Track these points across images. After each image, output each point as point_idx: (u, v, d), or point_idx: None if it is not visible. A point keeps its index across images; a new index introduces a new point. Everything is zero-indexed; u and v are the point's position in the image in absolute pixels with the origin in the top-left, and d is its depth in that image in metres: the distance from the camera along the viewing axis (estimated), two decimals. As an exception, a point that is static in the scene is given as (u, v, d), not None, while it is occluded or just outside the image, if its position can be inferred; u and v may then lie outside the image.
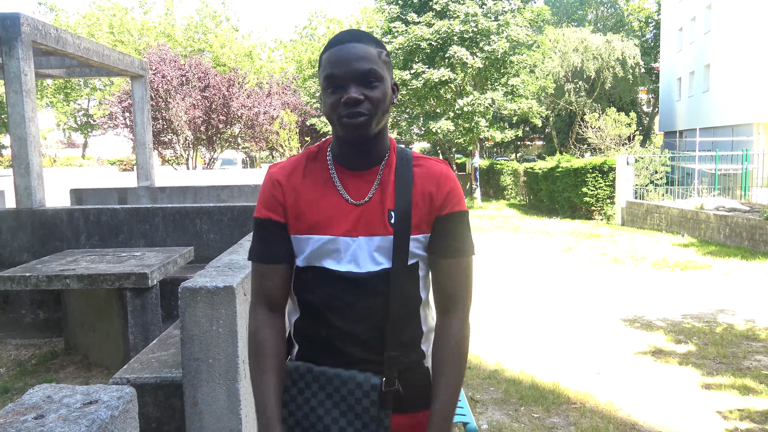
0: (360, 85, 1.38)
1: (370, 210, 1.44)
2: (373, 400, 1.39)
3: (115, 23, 41.23)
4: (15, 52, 5.71)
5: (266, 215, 1.49)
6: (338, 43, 1.41)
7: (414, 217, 1.44)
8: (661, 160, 16.90)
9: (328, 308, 1.44)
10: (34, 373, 4.83)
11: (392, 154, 1.51)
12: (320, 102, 1.51)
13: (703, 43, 24.39)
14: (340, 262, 1.44)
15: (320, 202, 1.46)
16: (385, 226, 1.44)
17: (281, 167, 1.53)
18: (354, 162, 1.47)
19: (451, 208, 1.46)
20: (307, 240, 1.45)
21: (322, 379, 1.42)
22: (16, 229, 5.80)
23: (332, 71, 1.38)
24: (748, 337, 5.76)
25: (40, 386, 1.33)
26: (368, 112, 1.38)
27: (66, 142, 54.09)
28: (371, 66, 1.39)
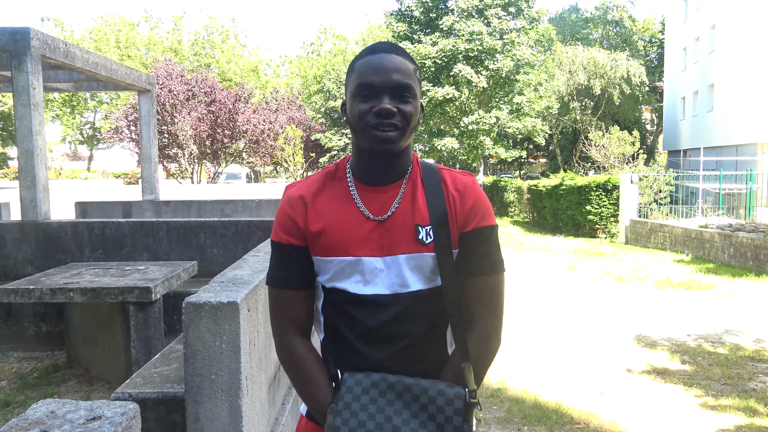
0: (395, 98, 1.33)
1: (393, 226, 1.38)
2: (458, 408, 1.31)
3: (122, 38, 41.64)
4: (24, 66, 5.76)
5: (285, 240, 1.43)
6: (378, 51, 1.36)
7: (452, 231, 1.38)
8: (665, 179, 16.90)
9: (355, 334, 1.39)
10: (35, 386, 4.82)
11: (416, 167, 1.45)
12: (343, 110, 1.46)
13: (707, 63, 24.49)
14: (366, 285, 1.38)
15: (340, 221, 1.39)
16: (413, 243, 1.37)
17: (299, 187, 1.47)
18: (375, 177, 1.41)
19: (476, 224, 1.40)
20: (329, 262, 1.40)
21: (399, 387, 1.33)
22: (21, 241, 5.82)
23: (369, 79, 1.33)
24: (754, 359, 5.72)
25: (43, 401, 1.33)
26: (400, 126, 1.34)
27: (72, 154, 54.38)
28: (409, 81, 1.35)
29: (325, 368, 1.44)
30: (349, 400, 1.33)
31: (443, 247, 1.36)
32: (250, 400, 2.42)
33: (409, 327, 1.38)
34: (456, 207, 1.40)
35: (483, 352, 1.42)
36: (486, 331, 1.42)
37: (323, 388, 1.40)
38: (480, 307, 1.42)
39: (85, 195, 14.50)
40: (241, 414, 2.31)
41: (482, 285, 1.41)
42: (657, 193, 16.58)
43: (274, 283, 1.45)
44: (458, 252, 1.40)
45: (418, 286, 1.38)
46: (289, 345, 1.45)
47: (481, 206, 1.41)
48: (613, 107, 31.84)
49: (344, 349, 1.41)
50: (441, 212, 1.38)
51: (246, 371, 2.36)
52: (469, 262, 1.40)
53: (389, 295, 1.37)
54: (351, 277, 1.38)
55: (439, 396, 1.32)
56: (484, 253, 1.41)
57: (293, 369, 1.44)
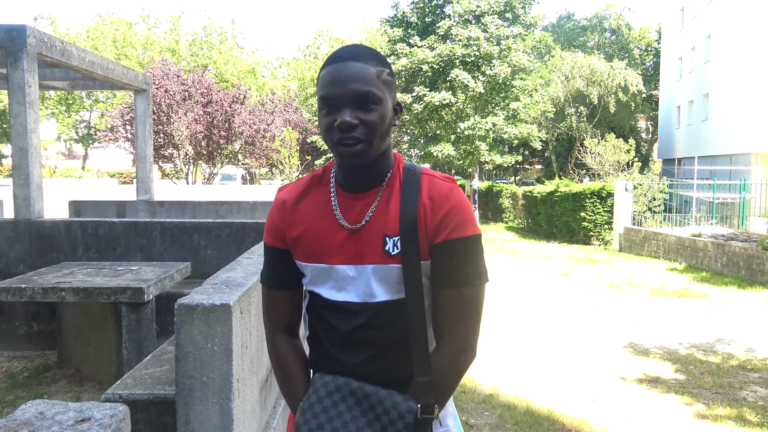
0: (355, 108, 1.29)
1: (365, 235, 1.36)
2: (408, 423, 1.30)
3: (119, 37, 41.58)
4: (20, 64, 5.74)
5: (271, 243, 1.47)
6: (336, 60, 1.32)
7: (422, 243, 1.34)
8: (659, 188, 16.96)
9: (329, 337, 1.41)
10: (25, 386, 4.78)
11: (396, 172, 1.41)
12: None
13: (703, 72, 24.62)
14: (339, 292, 1.39)
15: (318, 228, 1.40)
16: (380, 254, 1.35)
17: (288, 191, 1.48)
18: (353, 184, 1.40)
19: (447, 235, 1.33)
20: (306, 267, 1.42)
21: (359, 394, 1.35)
22: (14, 239, 5.78)
23: (327, 91, 1.30)
24: (745, 368, 5.73)
25: (32, 402, 1.32)
26: (364, 138, 1.30)
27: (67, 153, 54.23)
28: (368, 88, 1.29)
29: (306, 367, 1.49)
30: (313, 400, 1.36)
31: (409, 259, 1.33)
32: (241, 402, 2.41)
33: (377, 335, 1.37)
34: (426, 217, 1.34)
35: (450, 368, 1.38)
36: (455, 346, 1.37)
37: (300, 386, 1.45)
38: (450, 320, 1.37)
39: (80, 194, 14.44)
40: (232, 417, 2.30)
41: (454, 298, 1.35)
42: (651, 201, 16.64)
43: (264, 282, 1.51)
44: (431, 263, 1.36)
45: (385, 296, 1.36)
46: (274, 342, 1.50)
47: (456, 216, 1.34)
48: (609, 115, 31.96)
49: (321, 350, 1.44)
50: (410, 222, 1.33)
51: (237, 374, 2.35)
52: (440, 274, 1.35)
53: (359, 303, 1.37)
54: (326, 283, 1.40)
55: (393, 408, 1.31)
56: (456, 264, 1.34)
57: (275, 365, 1.50)
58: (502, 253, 14.56)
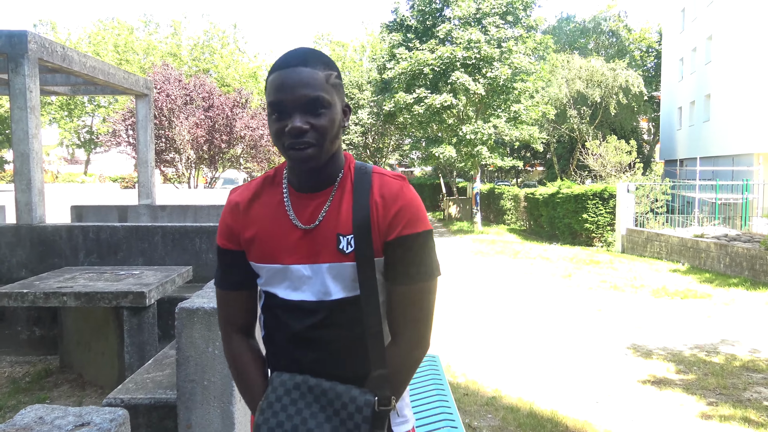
0: (305, 114, 1.32)
1: (318, 235, 1.39)
2: (366, 416, 1.34)
3: (120, 42, 41.67)
4: (21, 69, 5.75)
5: (225, 245, 1.48)
6: (284, 66, 1.33)
7: (375, 240, 1.38)
8: (661, 189, 16.93)
9: (285, 336, 1.42)
10: (27, 391, 4.78)
11: (347, 172, 1.44)
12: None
13: (704, 73, 24.60)
14: (294, 291, 1.41)
15: (271, 229, 1.42)
16: (334, 253, 1.38)
17: (239, 193, 1.49)
18: (305, 185, 1.42)
19: (399, 232, 1.37)
20: (261, 267, 1.44)
21: (317, 391, 1.37)
22: (15, 244, 5.79)
23: (276, 97, 1.32)
24: (749, 368, 5.71)
25: (32, 407, 1.31)
26: (315, 142, 1.33)
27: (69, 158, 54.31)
28: (318, 93, 1.32)
29: (264, 367, 1.50)
30: (272, 399, 1.37)
31: (363, 256, 1.36)
32: (242, 406, 2.40)
33: (333, 333, 1.40)
34: (378, 215, 1.38)
35: (404, 362, 1.41)
36: (409, 340, 1.41)
37: (258, 386, 1.46)
38: (404, 315, 1.40)
39: (82, 199, 14.46)
40: (233, 420, 2.29)
41: (406, 294, 1.39)
42: (653, 203, 16.61)
43: (217, 284, 1.51)
44: (384, 260, 1.40)
45: (340, 294, 1.39)
46: (229, 343, 1.50)
47: (408, 213, 1.38)
48: (610, 116, 31.93)
49: (277, 349, 1.45)
50: (363, 221, 1.37)
51: (239, 377, 2.34)
52: (393, 271, 1.39)
53: (314, 301, 1.39)
54: (281, 283, 1.42)
55: (350, 402, 1.34)
56: (409, 261, 1.38)
57: (232, 367, 1.50)
58: (505, 256, 14.54)
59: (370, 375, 1.40)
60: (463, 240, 18.42)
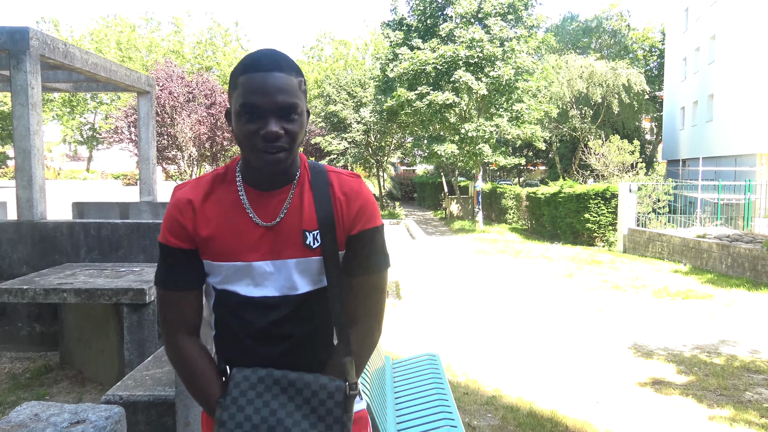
0: (280, 118, 1.34)
1: (282, 231, 1.42)
2: (338, 401, 1.38)
3: (123, 39, 41.69)
4: (23, 66, 5.75)
5: (174, 243, 1.44)
6: (259, 69, 1.35)
7: (339, 235, 1.44)
8: (663, 189, 16.90)
9: (245, 332, 1.43)
10: (27, 387, 4.79)
11: (304, 171, 1.49)
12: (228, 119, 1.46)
13: (707, 73, 24.54)
14: (256, 287, 1.42)
15: (230, 227, 1.42)
16: (301, 247, 1.42)
17: (188, 189, 1.47)
18: (264, 183, 1.44)
19: (362, 226, 1.45)
20: (219, 266, 1.43)
21: (283, 382, 1.39)
22: (16, 241, 5.79)
23: (253, 100, 1.33)
24: (750, 369, 5.70)
25: (28, 403, 1.31)
26: (287, 146, 1.36)
27: (71, 155, 54.36)
28: (293, 100, 1.35)
29: (214, 364, 1.49)
30: (236, 395, 1.37)
31: (329, 250, 1.42)
32: (241, 404, 2.40)
33: (297, 326, 1.44)
34: (342, 211, 1.45)
35: (364, 345, 1.50)
36: (368, 326, 1.50)
37: (212, 384, 1.44)
38: (363, 303, 1.48)
39: (84, 195, 14.48)
40: (231, 418, 2.29)
41: (365, 283, 1.47)
42: (655, 203, 16.58)
43: (164, 285, 1.47)
44: (344, 253, 1.47)
45: (306, 288, 1.44)
46: (178, 344, 1.47)
47: (368, 209, 1.47)
48: (613, 116, 31.87)
49: (235, 346, 1.45)
50: (328, 217, 1.43)
51: (237, 375, 2.34)
52: (353, 263, 1.46)
53: (278, 296, 1.42)
54: (242, 280, 1.43)
55: (321, 390, 1.38)
56: (367, 253, 1.46)
57: (182, 367, 1.46)
58: (506, 255, 14.53)
59: (335, 362, 1.46)
60: (465, 239, 18.41)
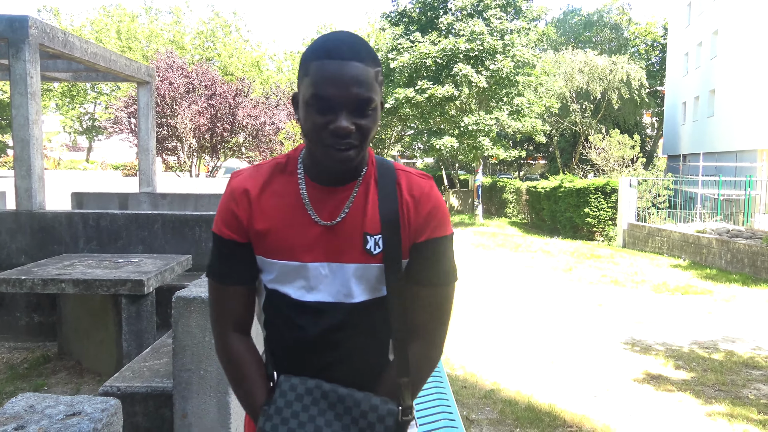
0: (352, 113, 1.21)
1: (341, 232, 1.30)
2: (389, 426, 1.25)
3: (123, 29, 41.55)
4: (22, 54, 5.72)
5: (227, 235, 1.34)
6: (335, 56, 1.20)
7: (403, 241, 1.30)
8: (664, 184, 16.88)
9: (295, 338, 1.33)
10: (25, 378, 4.78)
11: (371, 168, 1.35)
12: (294, 103, 1.32)
13: (709, 68, 24.47)
14: (309, 291, 1.31)
15: (287, 224, 1.31)
16: (361, 252, 1.29)
17: (245, 178, 1.36)
18: (327, 178, 1.31)
19: (429, 234, 1.31)
20: (273, 264, 1.32)
21: (332, 397, 1.27)
22: (15, 231, 5.77)
23: (325, 92, 1.19)
24: (748, 365, 5.70)
25: (23, 395, 1.30)
26: (358, 143, 1.23)
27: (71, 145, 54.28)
28: (369, 94, 1.21)
29: (263, 367, 1.39)
30: (281, 405, 1.27)
31: (392, 258, 1.29)
32: (239, 396, 2.39)
33: (350, 336, 1.32)
34: (410, 215, 1.31)
35: (423, 364, 1.36)
36: (428, 344, 1.36)
37: (258, 389, 1.35)
38: (425, 318, 1.34)
39: (83, 186, 14.45)
40: (229, 410, 2.28)
41: (430, 296, 1.33)
42: (656, 198, 16.56)
43: (215, 277, 1.38)
44: (408, 261, 1.32)
45: (363, 296, 1.31)
46: (226, 342, 1.38)
47: (437, 215, 1.32)
48: (613, 111, 31.82)
49: (284, 351, 1.36)
50: (392, 220, 1.29)
51: (235, 368, 2.33)
52: (418, 273, 1.32)
53: (332, 303, 1.30)
54: (294, 281, 1.32)
55: (371, 411, 1.26)
56: (434, 263, 1.32)
57: (229, 367, 1.38)
58: (506, 249, 14.52)
59: (388, 381, 1.33)
60: (464, 232, 18.41)
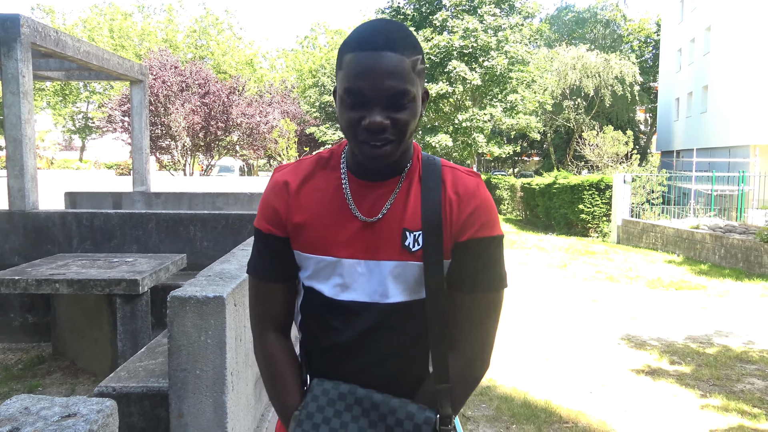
0: (387, 107, 1.14)
1: (381, 229, 1.24)
2: None
3: (115, 27, 41.38)
4: (13, 54, 5.68)
5: (268, 230, 1.31)
6: (368, 47, 1.13)
7: (445, 240, 1.23)
8: (657, 180, 16.94)
9: (329, 340, 1.28)
10: (20, 378, 4.76)
11: (416, 163, 1.29)
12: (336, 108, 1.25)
13: (702, 64, 24.55)
14: (344, 290, 1.25)
15: (326, 217, 1.26)
16: (398, 250, 1.23)
17: (288, 172, 1.33)
18: (369, 173, 1.27)
19: (473, 233, 1.23)
20: (308, 259, 1.28)
21: (366, 403, 1.21)
22: (8, 231, 5.75)
23: (356, 85, 1.13)
24: (742, 360, 5.73)
25: (17, 396, 1.29)
26: (394, 138, 1.17)
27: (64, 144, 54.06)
28: (405, 86, 1.14)
29: (299, 370, 1.35)
30: (312, 410, 1.22)
31: (432, 256, 1.21)
32: (235, 396, 2.39)
33: (386, 339, 1.25)
34: (453, 212, 1.23)
35: (465, 377, 1.28)
36: (471, 354, 1.28)
37: (291, 392, 1.30)
38: (468, 326, 1.26)
39: (77, 185, 14.38)
40: (225, 410, 2.28)
41: (473, 302, 1.25)
42: (649, 194, 16.62)
43: (253, 273, 1.35)
44: (450, 263, 1.25)
45: (400, 297, 1.24)
46: (264, 341, 1.35)
47: (483, 213, 1.24)
48: (606, 107, 31.91)
49: (318, 353, 1.31)
50: (434, 217, 1.22)
51: (231, 367, 2.33)
52: (461, 276, 1.24)
53: (368, 303, 1.24)
54: (329, 279, 1.26)
55: (407, 419, 1.20)
56: (479, 266, 1.24)
57: (263, 367, 1.35)
58: (500, 245, 14.53)
59: (427, 388, 1.27)
60: (459, 229, 18.41)
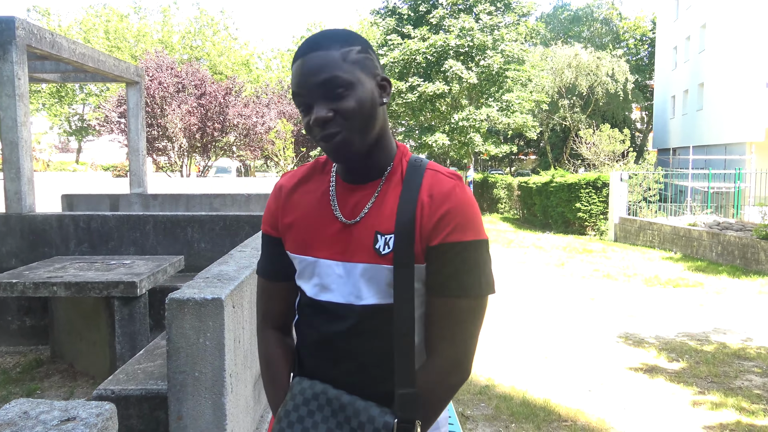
0: (325, 100, 1.17)
1: (357, 231, 1.25)
2: None
3: (111, 29, 41.32)
4: (9, 56, 5.67)
5: (267, 231, 1.40)
6: (299, 55, 1.21)
7: (416, 244, 1.21)
8: (654, 177, 16.97)
9: (311, 339, 1.32)
10: (18, 382, 4.75)
11: (398, 166, 1.29)
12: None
13: (698, 61, 24.60)
14: (323, 291, 1.28)
15: (311, 218, 1.31)
16: (369, 252, 1.23)
17: (289, 177, 1.40)
18: (351, 175, 1.29)
19: (444, 237, 1.20)
20: (295, 258, 1.33)
21: (335, 404, 1.23)
22: (5, 234, 5.73)
23: (294, 90, 1.21)
24: (740, 356, 5.74)
25: (17, 401, 1.29)
26: (342, 128, 1.18)
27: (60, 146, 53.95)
28: (331, 74, 1.16)
29: (292, 368, 1.40)
30: (290, 407, 1.26)
31: (401, 261, 1.20)
32: (234, 397, 2.38)
33: (363, 342, 1.25)
34: (424, 215, 1.21)
35: (438, 385, 1.24)
36: (444, 362, 1.24)
37: (282, 389, 1.35)
38: (444, 332, 1.23)
39: (73, 187, 14.36)
40: (224, 412, 2.27)
41: (449, 308, 1.22)
42: (646, 191, 16.65)
43: (258, 272, 1.44)
44: (426, 267, 1.23)
45: (373, 299, 1.23)
46: (263, 339, 1.41)
47: (457, 217, 1.21)
48: (602, 105, 31.96)
49: (304, 352, 1.34)
50: (406, 220, 1.20)
51: (230, 368, 2.32)
52: (436, 281, 1.22)
53: (343, 304, 1.25)
54: (311, 279, 1.30)
55: (368, 423, 1.19)
56: (451, 272, 1.21)
57: (263, 363, 1.41)
58: (498, 244, 14.56)
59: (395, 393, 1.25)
60: (457, 229, 18.42)
